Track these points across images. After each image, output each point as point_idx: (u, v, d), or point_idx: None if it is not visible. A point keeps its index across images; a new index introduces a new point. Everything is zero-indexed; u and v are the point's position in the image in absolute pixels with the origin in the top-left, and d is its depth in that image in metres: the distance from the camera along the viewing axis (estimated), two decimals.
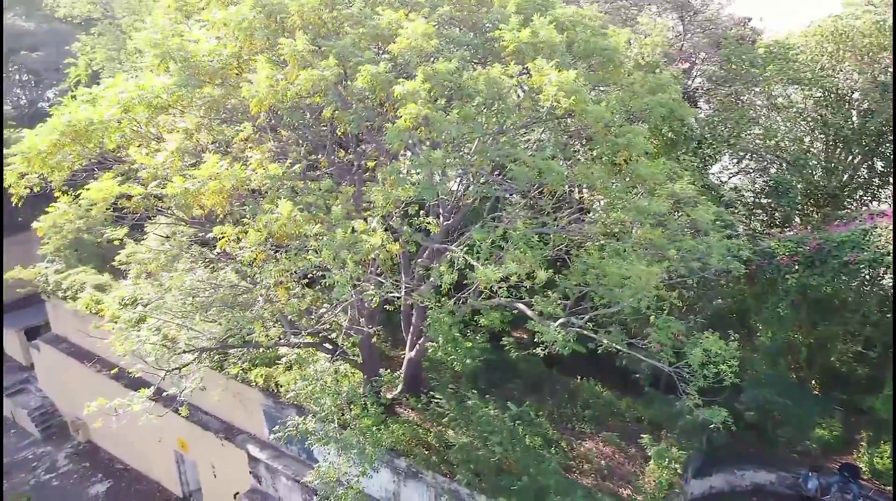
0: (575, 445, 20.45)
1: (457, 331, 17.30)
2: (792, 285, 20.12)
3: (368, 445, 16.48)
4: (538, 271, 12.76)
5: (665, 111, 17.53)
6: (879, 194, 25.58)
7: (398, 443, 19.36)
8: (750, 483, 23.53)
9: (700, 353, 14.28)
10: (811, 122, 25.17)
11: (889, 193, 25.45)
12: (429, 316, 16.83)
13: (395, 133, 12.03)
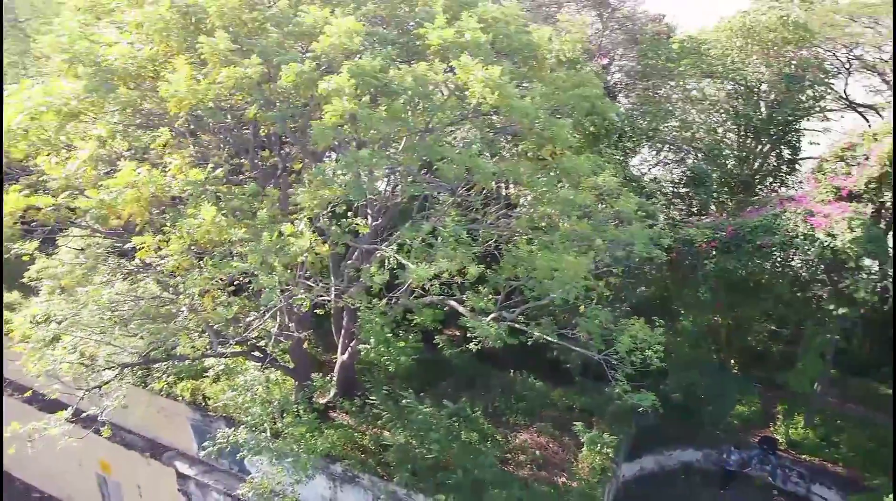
0: (510, 438, 20.68)
1: (389, 331, 17.21)
2: (711, 271, 20.97)
3: (303, 452, 16.16)
4: (469, 267, 12.79)
5: (588, 106, 17.86)
6: (787, 180, 27.03)
7: (333, 448, 19.04)
8: (678, 461, 24.46)
9: (627, 340, 14.68)
10: (724, 113, 26.31)
11: (796, 179, 26.94)
12: (360, 318, 16.66)
13: (321, 131, 11.79)
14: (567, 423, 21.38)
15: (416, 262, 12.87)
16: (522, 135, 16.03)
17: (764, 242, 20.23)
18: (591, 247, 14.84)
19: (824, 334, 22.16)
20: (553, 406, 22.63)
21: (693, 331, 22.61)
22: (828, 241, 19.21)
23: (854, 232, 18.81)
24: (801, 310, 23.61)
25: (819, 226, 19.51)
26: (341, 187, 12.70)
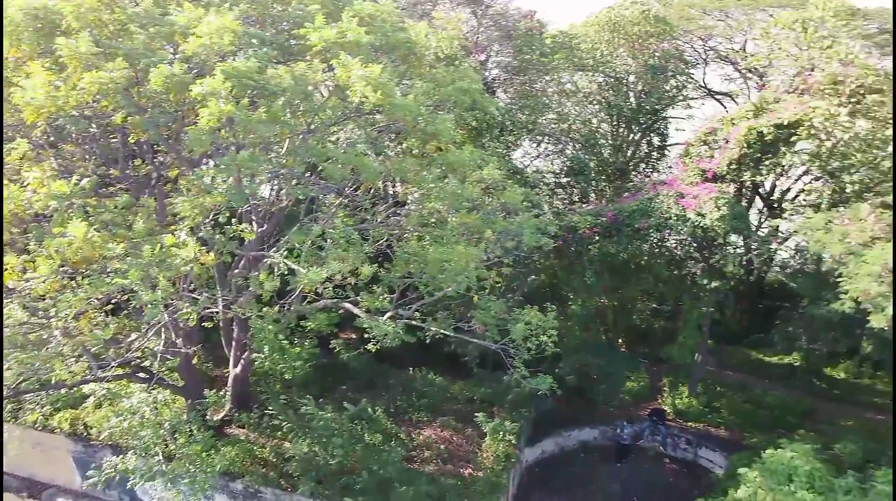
0: (414, 435, 20.74)
1: (283, 338, 16.80)
2: (595, 255, 21.84)
3: (199, 472, 15.42)
4: (362, 267, 12.66)
5: (469, 101, 18.12)
6: (658, 166, 28.64)
7: (232, 465, 18.38)
8: (577, 441, 25.36)
9: (522, 328, 15.04)
10: (597, 104, 27.46)
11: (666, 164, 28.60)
12: (252, 327, 16.16)
13: (197, 136, 11.27)
14: (469, 415, 21.67)
15: (306, 266, 12.58)
16: (406, 132, 16.04)
17: (641, 224, 21.29)
18: (482, 239, 15.07)
19: (700, 307, 23.64)
20: (454, 400, 22.90)
21: (582, 314, 23.54)
22: (698, 220, 20.49)
23: (721, 210, 20.16)
24: (679, 287, 25.05)
25: (689, 206, 20.77)
26: (222, 194, 12.21)
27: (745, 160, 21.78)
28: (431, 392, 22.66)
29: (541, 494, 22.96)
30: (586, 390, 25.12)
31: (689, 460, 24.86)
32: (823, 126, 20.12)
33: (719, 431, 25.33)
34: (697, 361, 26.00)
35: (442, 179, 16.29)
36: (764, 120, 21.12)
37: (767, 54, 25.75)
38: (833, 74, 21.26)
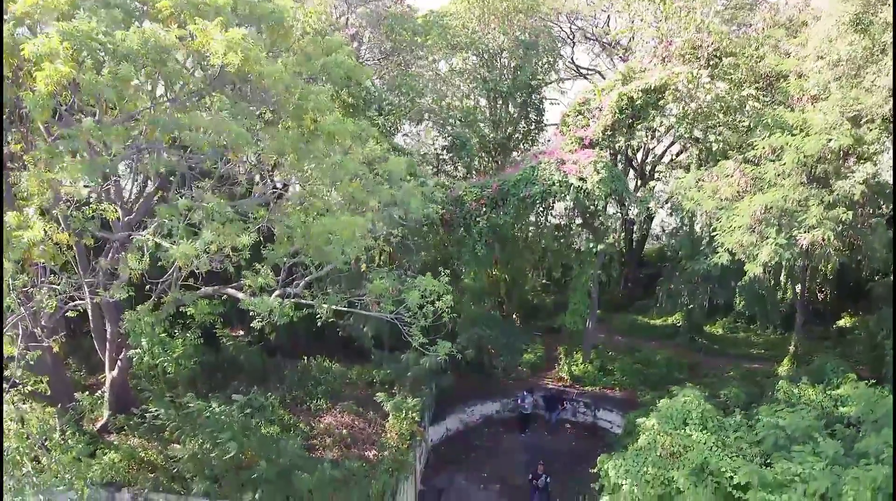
0: (314, 424, 19.94)
1: (163, 331, 15.61)
2: (483, 227, 21.90)
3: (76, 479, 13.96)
4: (240, 239, 11.82)
5: (343, 73, 17.54)
6: (537, 140, 29.19)
7: (115, 472, 16.93)
8: (479, 416, 25.39)
9: (417, 294, 14.69)
10: (473, 82, 27.58)
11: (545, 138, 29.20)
12: (125, 320, 14.91)
13: (36, 101, 10.08)
14: (369, 399, 21.10)
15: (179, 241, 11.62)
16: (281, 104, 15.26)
17: (526, 193, 21.54)
18: (367, 210, 14.58)
19: (588, 272, 24.23)
20: (353, 386, 22.28)
21: (475, 287, 23.55)
22: (580, 184, 20.97)
23: (600, 174, 20.73)
24: (565, 255, 25.59)
25: (570, 172, 21.22)
26: (74, 167, 11.05)
27: (619, 126, 22.53)
28: (328, 380, 21.91)
29: (449, 471, 22.78)
30: (485, 364, 25.21)
31: (588, 423, 25.47)
32: (687, 89, 21.12)
33: (615, 392, 26.14)
34: (588, 327, 26.70)
35: (324, 156, 15.68)
36: (633, 86, 21.91)
37: (630, 27, 26.81)
38: (691, 40, 22.40)
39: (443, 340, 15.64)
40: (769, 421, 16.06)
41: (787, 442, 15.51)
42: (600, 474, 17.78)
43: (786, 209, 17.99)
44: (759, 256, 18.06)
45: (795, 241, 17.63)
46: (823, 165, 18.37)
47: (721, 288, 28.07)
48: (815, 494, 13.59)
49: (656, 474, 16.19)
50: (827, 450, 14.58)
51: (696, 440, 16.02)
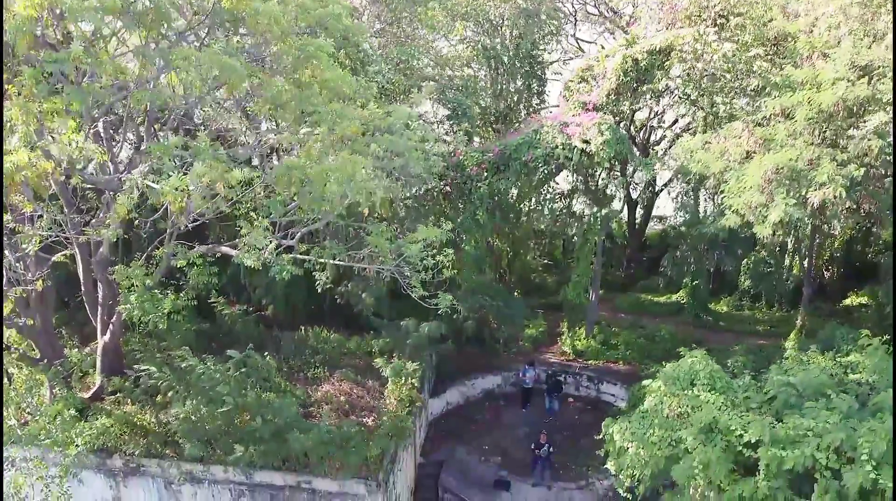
0: (311, 392, 19.45)
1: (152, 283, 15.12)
2: (484, 192, 21.37)
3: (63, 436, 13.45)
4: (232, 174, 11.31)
5: (340, 28, 17.07)
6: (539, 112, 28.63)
7: (109, 438, 16.46)
8: (480, 389, 24.91)
9: (417, 247, 14.22)
10: (474, 50, 27.03)
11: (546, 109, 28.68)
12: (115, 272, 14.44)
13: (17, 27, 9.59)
14: (368, 369, 20.67)
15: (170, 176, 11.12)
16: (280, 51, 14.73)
17: (528, 157, 21.02)
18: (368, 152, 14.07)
19: (591, 242, 23.71)
20: (352, 355, 21.80)
21: (476, 256, 23.01)
22: (584, 146, 20.45)
23: (604, 135, 20.22)
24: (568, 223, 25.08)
25: (574, 135, 20.71)
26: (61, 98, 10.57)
27: (623, 90, 22.03)
28: (326, 349, 21.44)
29: (450, 444, 22.32)
30: (486, 336, 24.73)
31: (592, 397, 24.99)
32: (693, 49, 20.61)
33: (618, 366, 25.65)
34: (591, 302, 26.21)
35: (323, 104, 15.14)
36: (637, 48, 21.41)
37: None
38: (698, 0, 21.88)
39: (445, 288, 15.25)
40: (780, 379, 15.56)
41: (799, 400, 15.00)
42: (605, 439, 17.34)
43: (797, 170, 17.48)
44: (769, 216, 17.54)
45: (806, 200, 17.12)
46: (836, 123, 17.86)
47: (727, 256, 27.58)
48: (830, 447, 13.09)
49: (663, 435, 15.72)
50: (841, 405, 14.09)
51: (705, 400, 15.53)
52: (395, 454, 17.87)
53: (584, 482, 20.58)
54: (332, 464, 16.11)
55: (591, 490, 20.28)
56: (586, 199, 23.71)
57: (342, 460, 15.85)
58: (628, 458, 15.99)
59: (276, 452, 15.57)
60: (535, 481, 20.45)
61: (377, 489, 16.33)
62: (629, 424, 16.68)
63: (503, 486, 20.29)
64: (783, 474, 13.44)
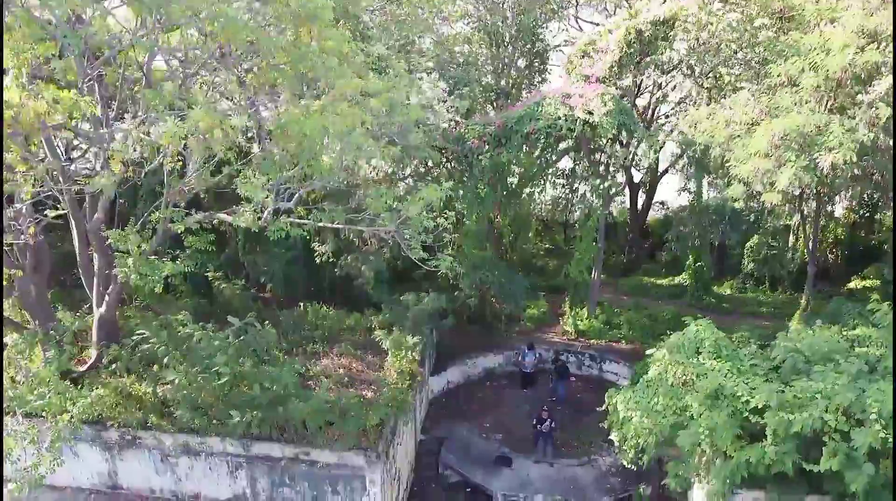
0: (310, 366, 19.16)
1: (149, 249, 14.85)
2: (486, 165, 21.07)
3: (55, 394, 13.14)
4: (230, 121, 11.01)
5: None
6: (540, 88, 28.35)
7: (103, 408, 16.17)
8: (481, 369, 24.62)
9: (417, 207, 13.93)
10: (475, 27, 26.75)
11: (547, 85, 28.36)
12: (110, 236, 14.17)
13: None
14: (369, 344, 20.37)
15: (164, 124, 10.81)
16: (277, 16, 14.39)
17: (530, 128, 20.72)
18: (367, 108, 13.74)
19: (594, 217, 23.43)
20: (351, 331, 21.48)
21: (478, 231, 22.72)
22: (587, 118, 20.16)
23: (607, 106, 19.92)
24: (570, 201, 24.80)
25: (577, 106, 20.42)
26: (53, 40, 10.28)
27: (626, 62, 21.74)
28: (325, 325, 21.13)
29: (451, 421, 22.06)
30: (487, 314, 24.46)
31: (594, 376, 24.71)
32: (698, 19, 20.30)
33: (620, 345, 25.36)
34: (594, 280, 25.93)
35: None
36: (640, 18, 21.12)
37: None
38: None
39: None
40: (787, 346, 15.29)
41: (807, 366, 14.72)
42: (608, 410, 17.06)
43: (806, 135, 17.19)
44: (777, 181, 17.25)
45: (816, 164, 16.82)
46: (844, 90, 17.58)
47: (732, 230, 27.30)
48: (838, 409, 12.80)
49: (668, 403, 15.44)
50: (849, 369, 13.80)
51: (710, 367, 15.26)
52: (396, 427, 17.59)
53: (587, 458, 20.31)
54: (330, 434, 15.82)
55: (594, 467, 20.01)
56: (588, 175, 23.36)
57: (341, 429, 15.55)
58: (632, 427, 15.70)
59: (274, 420, 15.28)
60: (536, 457, 20.18)
61: (377, 460, 16.04)
62: (633, 393, 16.41)
63: (504, 462, 20.01)
64: (791, 438, 13.16)
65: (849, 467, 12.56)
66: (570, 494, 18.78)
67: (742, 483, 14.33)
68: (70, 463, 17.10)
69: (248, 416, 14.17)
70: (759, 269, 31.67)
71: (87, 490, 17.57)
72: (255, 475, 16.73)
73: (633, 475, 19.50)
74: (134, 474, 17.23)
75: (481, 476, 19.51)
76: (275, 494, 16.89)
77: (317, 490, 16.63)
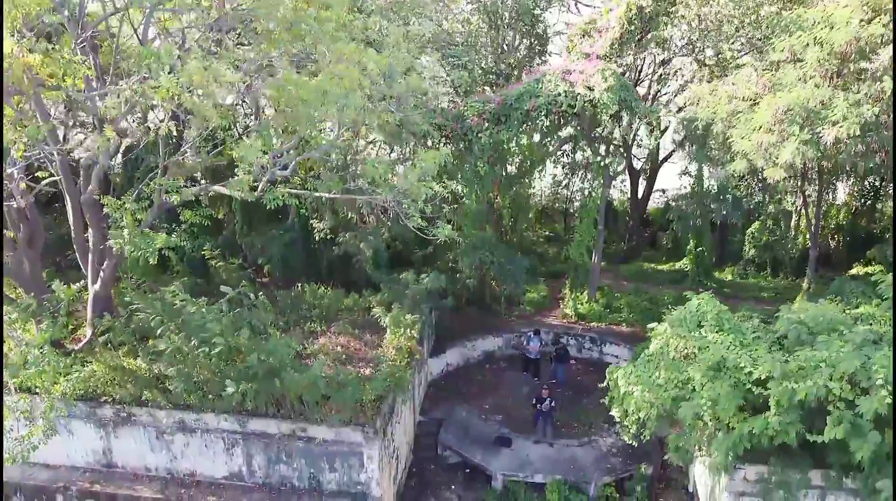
0: (307, 344, 18.94)
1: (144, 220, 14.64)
2: (486, 143, 20.83)
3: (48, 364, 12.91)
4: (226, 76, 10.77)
5: None
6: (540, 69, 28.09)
7: (98, 385, 15.97)
8: (481, 352, 24.41)
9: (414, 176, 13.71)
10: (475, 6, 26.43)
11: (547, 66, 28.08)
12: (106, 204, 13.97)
13: None
14: (367, 324, 20.15)
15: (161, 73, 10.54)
16: None
17: (530, 105, 20.49)
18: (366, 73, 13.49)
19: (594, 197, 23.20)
20: (349, 311, 21.25)
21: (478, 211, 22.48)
22: (587, 94, 19.94)
23: (608, 81, 19.70)
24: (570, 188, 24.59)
25: (577, 82, 20.19)
26: None
27: (627, 40, 21.51)
28: (323, 305, 20.88)
29: (450, 402, 21.85)
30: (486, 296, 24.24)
31: (594, 358, 24.49)
32: None
33: (621, 328, 25.16)
34: (594, 264, 25.73)
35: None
36: None
37: None
38: None
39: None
40: (791, 317, 15.08)
41: (811, 338, 14.50)
42: (609, 386, 16.85)
43: (809, 109, 16.97)
44: (780, 155, 17.03)
45: (819, 137, 16.60)
46: (849, 64, 17.34)
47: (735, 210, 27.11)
48: (843, 377, 12.58)
49: (669, 377, 15.22)
50: (854, 338, 13.59)
51: (712, 340, 15.04)
52: (394, 404, 17.41)
53: (587, 439, 20.10)
54: (327, 408, 15.61)
55: (594, 447, 19.80)
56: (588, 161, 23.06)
57: (337, 403, 15.32)
58: (633, 401, 15.48)
59: (270, 394, 15.06)
60: (536, 437, 19.98)
61: (374, 436, 15.85)
62: (634, 368, 16.21)
63: (504, 443, 19.80)
64: (794, 408, 12.93)
65: (854, 435, 12.34)
66: (570, 474, 18.57)
67: (744, 458, 14.15)
68: (64, 441, 16.93)
69: (243, 387, 13.91)
70: (760, 254, 31.48)
71: (82, 468, 17.35)
72: (251, 452, 16.53)
73: (633, 455, 19.31)
74: (129, 452, 17.02)
75: (480, 457, 19.30)
76: (271, 471, 16.69)
77: (314, 468, 16.44)
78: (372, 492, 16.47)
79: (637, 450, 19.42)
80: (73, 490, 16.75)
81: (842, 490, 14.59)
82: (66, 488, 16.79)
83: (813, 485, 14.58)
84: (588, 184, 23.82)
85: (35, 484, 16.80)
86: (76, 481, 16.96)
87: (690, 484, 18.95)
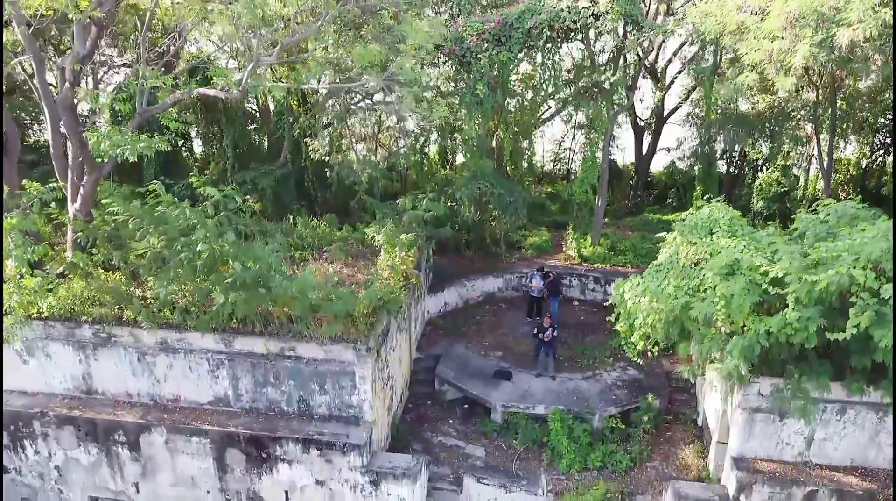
0: (298, 270, 18.01)
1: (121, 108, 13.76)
2: (485, 64, 19.88)
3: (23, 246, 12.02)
4: None
5: None
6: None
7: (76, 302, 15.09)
8: (480, 292, 23.54)
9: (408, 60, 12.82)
10: None
11: None
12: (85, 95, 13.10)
13: None
14: (361, 256, 19.24)
15: None
16: None
17: (533, 23, 19.54)
18: None
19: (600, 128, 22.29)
20: (343, 242, 20.32)
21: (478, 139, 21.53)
22: (590, 7, 19.01)
23: None
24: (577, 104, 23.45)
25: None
26: None
27: None
28: (316, 235, 19.97)
29: (449, 339, 21.02)
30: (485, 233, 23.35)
31: (598, 300, 23.60)
32: None
33: (626, 269, 24.27)
34: (598, 206, 24.86)
35: None
36: None
37: None
38: None
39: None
40: (808, 216, 14.18)
41: (831, 234, 13.58)
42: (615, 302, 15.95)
43: (822, 13, 16.07)
44: (792, 61, 16.13)
45: (832, 40, 15.70)
46: None
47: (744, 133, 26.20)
48: (867, 265, 11.64)
49: (679, 284, 14.26)
50: (879, 227, 12.65)
51: (725, 245, 14.12)
52: (388, 326, 16.50)
53: (591, 373, 19.25)
54: (317, 322, 14.67)
55: (598, 380, 18.94)
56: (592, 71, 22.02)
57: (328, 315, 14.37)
58: (640, 311, 14.56)
59: (257, 303, 14.08)
60: (538, 371, 19.12)
61: (367, 354, 14.89)
62: (642, 279, 15.30)
63: (504, 376, 18.95)
64: (815, 304, 11.99)
65: (878, 325, 11.36)
66: (573, 405, 17.69)
67: (759, 370, 13.25)
68: (42, 366, 16.09)
69: (231, 296, 12.99)
70: (768, 207, 30.58)
71: (60, 395, 16.46)
72: (237, 374, 15.60)
73: (638, 388, 18.47)
74: (109, 376, 16.09)
75: (480, 389, 18.44)
76: (258, 395, 15.76)
77: (303, 390, 15.52)
78: (364, 416, 15.54)
79: (644, 383, 18.58)
80: (51, 415, 15.87)
81: (862, 405, 13.72)
82: (43, 414, 15.90)
83: (832, 399, 13.67)
84: (592, 98, 22.52)
85: (11, 410, 15.94)
86: (54, 407, 16.10)
87: (700, 418, 18.10)
